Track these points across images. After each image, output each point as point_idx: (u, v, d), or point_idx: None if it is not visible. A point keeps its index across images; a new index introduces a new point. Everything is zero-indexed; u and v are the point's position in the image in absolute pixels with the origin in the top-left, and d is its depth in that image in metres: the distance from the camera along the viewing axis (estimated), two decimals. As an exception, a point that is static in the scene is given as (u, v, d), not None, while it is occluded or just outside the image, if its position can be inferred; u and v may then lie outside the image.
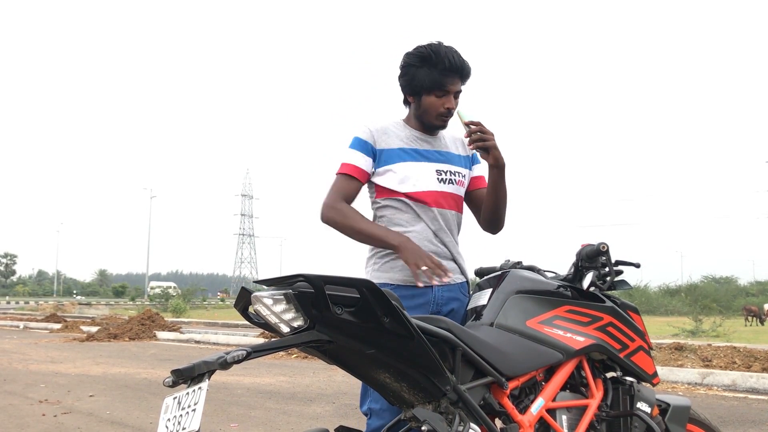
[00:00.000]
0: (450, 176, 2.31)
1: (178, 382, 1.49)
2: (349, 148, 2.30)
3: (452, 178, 2.31)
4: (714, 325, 14.92)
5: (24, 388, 6.82)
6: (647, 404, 2.10)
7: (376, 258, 2.27)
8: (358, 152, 2.27)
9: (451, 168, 2.32)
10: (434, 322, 1.76)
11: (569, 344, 1.99)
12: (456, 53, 2.25)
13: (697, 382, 7.21)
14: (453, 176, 2.32)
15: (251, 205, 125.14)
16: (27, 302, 53.42)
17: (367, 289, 1.55)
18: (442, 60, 2.21)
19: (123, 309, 34.17)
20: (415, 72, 2.25)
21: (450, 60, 2.22)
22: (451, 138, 2.41)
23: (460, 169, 2.35)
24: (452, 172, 2.32)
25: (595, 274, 2.08)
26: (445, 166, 2.31)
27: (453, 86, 2.25)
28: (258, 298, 1.56)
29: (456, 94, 2.27)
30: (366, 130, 2.30)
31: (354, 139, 2.30)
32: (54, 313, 24.75)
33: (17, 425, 4.90)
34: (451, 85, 2.24)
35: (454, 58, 2.23)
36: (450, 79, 2.24)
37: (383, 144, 2.28)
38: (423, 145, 2.31)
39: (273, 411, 5.55)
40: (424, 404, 1.74)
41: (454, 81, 2.25)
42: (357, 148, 2.28)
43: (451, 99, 2.26)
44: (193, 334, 14.81)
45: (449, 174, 2.31)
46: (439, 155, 2.32)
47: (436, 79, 2.22)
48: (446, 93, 2.25)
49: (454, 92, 2.26)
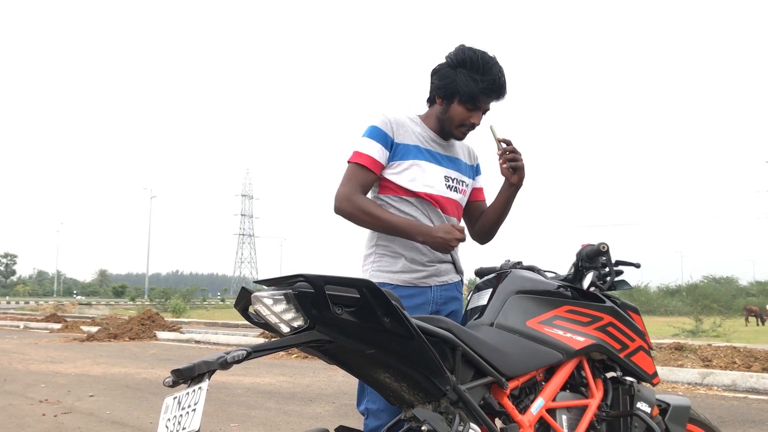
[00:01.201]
0: (456, 184, 2.29)
1: (178, 382, 1.48)
2: (364, 136, 2.20)
3: (457, 186, 2.30)
4: (714, 325, 14.92)
5: (24, 388, 6.82)
6: (647, 404, 2.10)
7: (375, 257, 2.24)
8: (375, 143, 2.18)
9: (458, 176, 2.30)
10: (434, 322, 1.76)
11: (569, 344, 1.99)
12: (503, 73, 2.19)
13: (697, 382, 7.21)
14: (458, 184, 2.30)
15: (251, 205, 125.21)
16: (27, 302, 53.47)
17: (367, 289, 1.55)
18: (492, 77, 2.15)
19: (123, 309, 34.17)
20: (455, 76, 2.16)
21: (498, 79, 2.17)
22: (461, 145, 2.38)
23: (465, 179, 2.34)
24: (458, 180, 2.30)
25: (595, 274, 2.08)
26: (453, 173, 2.29)
27: (486, 104, 2.22)
28: (258, 298, 1.56)
29: (485, 111, 2.24)
30: (385, 120, 2.21)
31: (371, 128, 2.21)
32: (54, 313, 24.77)
33: (17, 425, 4.90)
34: (485, 103, 2.21)
35: (501, 78, 2.18)
36: (488, 98, 2.20)
37: (400, 138, 2.21)
38: (437, 148, 2.27)
39: (273, 411, 5.55)
40: (424, 404, 1.74)
41: (491, 100, 2.21)
42: (374, 138, 2.19)
43: (480, 115, 2.22)
44: (193, 334, 14.81)
45: (455, 182, 2.29)
46: (449, 161, 2.30)
47: (475, 93, 2.15)
48: (477, 108, 2.20)
49: (484, 109, 2.23)
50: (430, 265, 2.20)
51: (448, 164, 2.28)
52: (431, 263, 2.21)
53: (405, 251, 2.19)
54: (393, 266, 2.19)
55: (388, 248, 2.21)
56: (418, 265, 2.19)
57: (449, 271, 2.26)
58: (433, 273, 2.21)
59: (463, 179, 2.32)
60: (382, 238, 2.22)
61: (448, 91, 2.19)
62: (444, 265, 2.24)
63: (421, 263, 2.19)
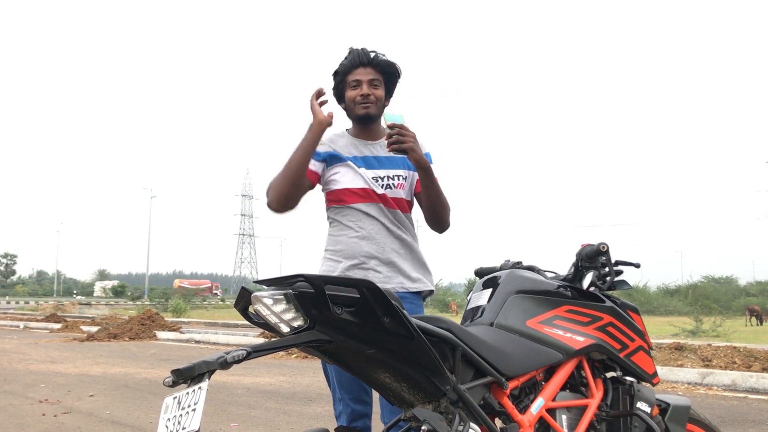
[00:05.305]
0: (389, 181, 2.37)
1: (178, 382, 1.49)
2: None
3: (391, 183, 2.37)
4: (714, 325, 14.92)
5: (24, 388, 6.82)
6: (647, 404, 2.10)
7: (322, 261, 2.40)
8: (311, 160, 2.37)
9: (390, 173, 2.39)
10: (434, 322, 1.76)
11: (569, 344, 1.99)
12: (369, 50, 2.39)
13: (697, 382, 7.21)
14: (392, 180, 2.38)
15: (251, 205, 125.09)
16: (27, 302, 53.40)
17: (367, 289, 1.55)
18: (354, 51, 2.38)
19: (123, 309, 34.17)
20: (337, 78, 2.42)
21: (359, 51, 2.37)
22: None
23: (401, 172, 2.40)
24: (391, 176, 2.38)
25: (595, 274, 2.09)
26: (383, 171, 2.38)
27: (361, 75, 2.36)
28: (258, 298, 1.56)
29: (372, 83, 2.36)
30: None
31: None
32: (54, 313, 24.73)
33: (17, 425, 4.90)
34: (360, 75, 2.36)
35: (362, 50, 2.38)
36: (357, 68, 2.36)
37: (326, 149, 2.39)
38: (364, 152, 2.40)
39: (273, 411, 5.55)
40: (424, 404, 1.74)
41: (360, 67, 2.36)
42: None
43: (364, 86, 2.36)
44: (193, 334, 14.81)
45: (387, 179, 2.37)
46: (378, 161, 2.39)
47: (346, 68, 2.38)
48: (357, 83, 2.36)
49: (369, 81, 2.36)
50: (368, 269, 2.30)
51: (375, 165, 2.38)
52: (368, 269, 2.29)
53: (344, 258, 2.32)
54: (334, 271, 2.32)
55: (330, 252, 2.38)
56: (357, 270, 2.29)
57: (391, 279, 2.30)
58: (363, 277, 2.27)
59: (398, 174, 2.38)
60: (329, 243, 2.39)
61: (338, 87, 2.42)
62: (386, 271, 2.30)
63: (362, 268, 2.29)
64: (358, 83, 2.36)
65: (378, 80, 2.37)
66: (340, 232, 2.36)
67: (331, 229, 2.42)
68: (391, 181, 2.36)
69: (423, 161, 2.22)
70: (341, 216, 2.37)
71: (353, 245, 2.32)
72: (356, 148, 2.40)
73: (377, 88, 2.37)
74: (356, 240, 2.32)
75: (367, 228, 2.32)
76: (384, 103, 2.41)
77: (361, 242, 2.31)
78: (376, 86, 2.36)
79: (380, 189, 2.34)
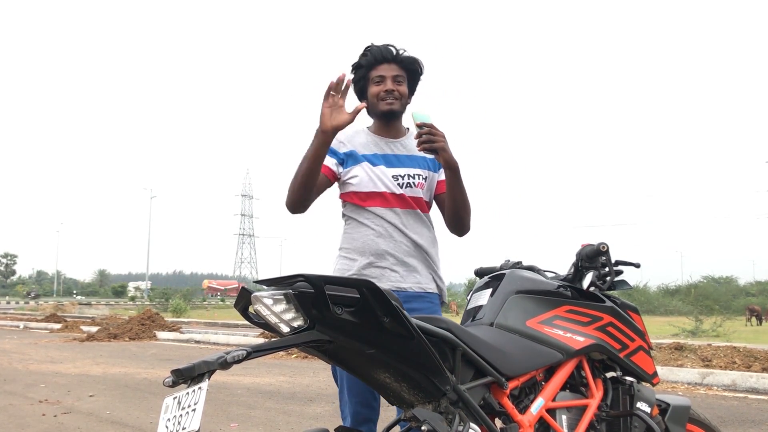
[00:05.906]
0: (408, 180, 2.35)
1: (178, 382, 1.48)
2: None
3: (411, 182, 2.35)
4: (714, 325, 14.92)
5: (24, 388, 6.82)
6: (647, 404, 2.10)
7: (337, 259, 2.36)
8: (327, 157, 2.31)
9: (410, 171, 2.36)
10: (434, 322, 1.76)
11: (569, 344, 1.99)
12: (389, 45, 2.36)
13: (697, 382, 7.21)
14: (412, 179, 2.35)
15: (251, 205, 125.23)
16: (27, 302, 53.38)
17: (367, 289, 1.55)
18: (375, 48, 2.35)
19: (123, 309, 34.17)
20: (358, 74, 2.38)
21: (381, 48, 2.34)
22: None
23: (421, 172, 2.38)
24: (411, 175, 2.36)
25: (595, 274, 2.09)
26: (403, 170, 2.36)
27: (385, 71, 2.34)
28: (258, 298, 1.56)
29: (396, 79, 2.34)
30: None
31: None
32: (54, 313, 24.73)
33: (17, 425, 4.90)
34: (383, 71, 2.34)
35: (385, 46, 2.35)
36: (381, 63, 2.34)
37: (345, 149, 2.36)
38: (384, 150, 2.38)
39: (273, 411, 5.55)
40: (424, 404, 1.74)
41: (385, 63, 2.34)
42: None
43: (388, 82, 2.33)
44: (193, 334, 14.82)
45: (407, 177, 2.35)
46: (398, 160, 2.37)
47: (370, 63, 2.35)
48: (382, 78, 2.34)
49: (393, 77, 2.34)
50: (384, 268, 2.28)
51: (396, 163, 2.35)
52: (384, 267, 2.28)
53: (360, 256, 2.30)
54: (349, 270, 2.29)
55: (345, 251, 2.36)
56: (373, 268, 2.28)
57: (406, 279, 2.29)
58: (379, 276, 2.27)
59: (418, 173, 2.36)
60: (344, 241, 2.36)
61: (359, 83, 2.38)
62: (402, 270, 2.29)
63: (379, 267, 2.28)
64: (382, 79, 2.33)
65: (402, 77, 2.35)
66: (356, 230, 2.33)
67: (346, 227, 2.39)
68: (411, 180, 2.34)
69: (453, 161, 2.20)
70: (357, 214, 2.34)
71: (370, 243, 2.29)
72: (377, 145, 2.37)
73: (401, 85, 2.35)
74: (373, 238, 2.29)
75: (384, 226, 2.30)
76: (407, 100, 2.40)
77: (378, 240, 2.29)
78: (399, 82, 2.35)
79: (399, 188, 2.32)
